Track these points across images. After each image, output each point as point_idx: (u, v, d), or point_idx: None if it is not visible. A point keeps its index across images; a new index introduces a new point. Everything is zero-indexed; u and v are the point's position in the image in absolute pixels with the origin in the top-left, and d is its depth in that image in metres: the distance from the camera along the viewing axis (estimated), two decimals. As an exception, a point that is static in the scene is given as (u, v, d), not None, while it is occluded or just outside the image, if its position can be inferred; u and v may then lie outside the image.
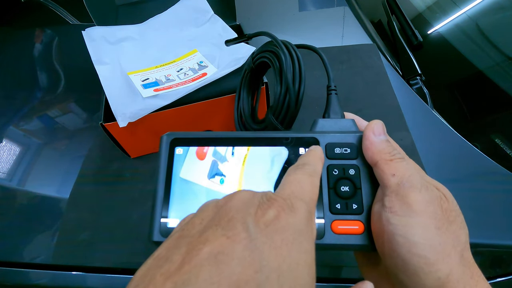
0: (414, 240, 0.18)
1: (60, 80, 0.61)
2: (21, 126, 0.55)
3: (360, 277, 0.37)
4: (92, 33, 0.48)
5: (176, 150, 0.25)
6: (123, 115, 0.38)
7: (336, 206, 0.23)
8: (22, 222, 0.43)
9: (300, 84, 0.32)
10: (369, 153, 0.22)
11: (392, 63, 0.57)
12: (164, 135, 0.25)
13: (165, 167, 0.24)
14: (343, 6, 0.70)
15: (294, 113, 0.32)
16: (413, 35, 0.58)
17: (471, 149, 0.45)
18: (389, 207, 0.20)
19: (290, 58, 0.32)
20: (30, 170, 0.49)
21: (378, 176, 0.22)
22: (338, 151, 0.24)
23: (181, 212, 0.23)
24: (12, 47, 0.69)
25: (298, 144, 0.25)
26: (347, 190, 0.23)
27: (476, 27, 0.57)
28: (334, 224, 0.22)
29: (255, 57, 0.39)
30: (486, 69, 0.52)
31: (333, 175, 0.24)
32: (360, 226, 0.22)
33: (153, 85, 0.42)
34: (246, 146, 0.25)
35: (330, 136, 0.25)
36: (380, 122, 0.23)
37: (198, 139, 0.25)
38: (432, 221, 0.19)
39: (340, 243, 0.22)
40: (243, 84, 0.41)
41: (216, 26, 0.52)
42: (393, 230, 0.19)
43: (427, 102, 0.51)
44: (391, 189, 0.20)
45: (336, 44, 0.60)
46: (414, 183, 0.20)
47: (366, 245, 0.22)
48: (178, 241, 0.16)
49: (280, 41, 0.34)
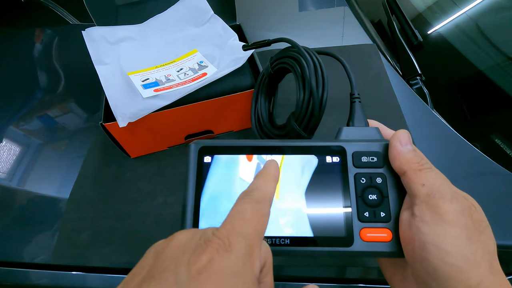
0: (447, 249, 0.19)
1: (60, 80, 0.61)
2: (21, 126, 0.55)
3: (361, 277, 0.37)
4: (92, 33, 0.48)
5: (205, 158, 0.25)
6: (123, 115, 0.38)
7: (365, 214, 0.23)
8: (22, 222, 0.43)
9: (324, 90, 0.32)
10: (397, 162, 0.23)
11: (392, 63, 0.57)
12: (192, 143, 0.25)
13: (194, 176, 0.24)
14: (343, 6, 0.70)
15: (318, 120, 0.33)
16: (413, 35, 0.58)
17: (471, 149, 0.45)
18: (419, 216, 0.21)
19: (313, 64, 0.32)
20: (30, 170, 0.49)
21: (407, 185, 0.22)
22: (365, 160, 0.25)
23: (211, 223, 0.23)
24: (12, 47, 0.69)
25: (325, 152, 0.25)
26: (375, 198, 0.24)
27: (476, 27, 0.57)
28: (363, 232, 0.23)
29: (273, 63, 0.39)
30: (486, 69, 0.52)
31: (360, 183, 0.24)
32: (388, 234, 0.23)
33: (153, 85, 0.42)
34: (276, 154, 0.25)
35: (356, 144, 0.25)
36: (406, 132, 0.24)
37: (227, 147, 0.25)
38: (464, 231, 0.19)
39: (369, 250, 0.23)
40: (261, 89, 0.41)
41: (216, 26, 0.52)
42: (425, 239, 0.20)
43: (427, 102, 0.51)
44: (421, 199, 0.21)
45: (336, 44, 0.60)
46: (444, 193, 0.20)
47: (394, 252, 0.23)
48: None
49: (301, 47, 0.34)
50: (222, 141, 0.25)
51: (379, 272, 0.37)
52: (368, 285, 0.37)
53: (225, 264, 0.15)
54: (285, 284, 0.37)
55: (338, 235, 0.23)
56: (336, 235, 0.23)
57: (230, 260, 0.15)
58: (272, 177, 0.20)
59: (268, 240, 0.23)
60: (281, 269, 0.38)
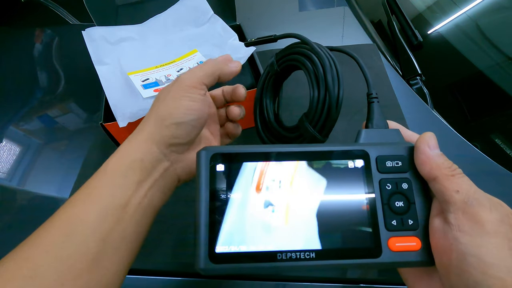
0: (489, 262, 0.18)
1: (60, 80, 0.61)
2: (21, 126, 0.55)
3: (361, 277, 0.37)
4: (92, 33, 0.48)
5: (217, 167, 0.23)
6: (123, 115, 0.38)
7: (392, 223, 0.22)
8: (22, 222, 0.43)
9: (339, 87, 0.30)
10: (427, 168, 0.22)
11: (392, 63, 0.57)
12: (202, 150, 0.23)
13: (207, 186, 0.22)
14: (343, 6, 0.70)
15: (334, 121, 0.30)
16: (413, 35, 0.58)
17: (471, 149, 0.45)
18: (456, 225, 0.20)
19: (328, 61, 0.30)
20: (30, 170, 0.49)
21: (438, 191, 0.21)
22: (389, 165, 0.23)
23: (228, 236, 0.22)
24: (12, 47, 0.69)
25: (347, 157, 0.23)
26: (402, 206, 0.22)
27: (476, 27, 0.57)
28: (391, 241, 0.22)
29: (279, 60, 0.36)
30: (486, 69, 0.52)
31: (386, 189, 0.23)
32: (417, 243, 0.22)
33: (153, 85, 0.42)
34: (295, 160, 0.23)
35: (379, 148, 0.24)
36: (433, 135, 0.23)
37: (240, 154, 0.23)
38: (506, 242, 0.19)
39: (398, 260, 0.22)
40: (266, 88, 0.39)
41: (216, 26, 0.52)
42: (464, 250, 0.19)
43: (427, 102, 0.51)
44: (456, 206, 0.20)
45: (336, 44, 0.60)
46: (482, 201, 0.20)
47: (424, 262, 0.22)
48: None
49: (313, 43, 0.32)
50: (234, 147, 0.23)
51: (379, 272, 0.37)
52: (368, 285, 0.37)
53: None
54: (285, 284, 0.37)
55: (365, 246, 0.22)
56: (363, 246, 0.22)
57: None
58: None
59: (293, 255, 0.21)
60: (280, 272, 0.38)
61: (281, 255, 0.21)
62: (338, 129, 0.34)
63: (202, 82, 0.27)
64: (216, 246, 0.21)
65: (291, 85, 0.38)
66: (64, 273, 0.20)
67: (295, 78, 0.41)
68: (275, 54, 0.38)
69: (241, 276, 0.38)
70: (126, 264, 0.23)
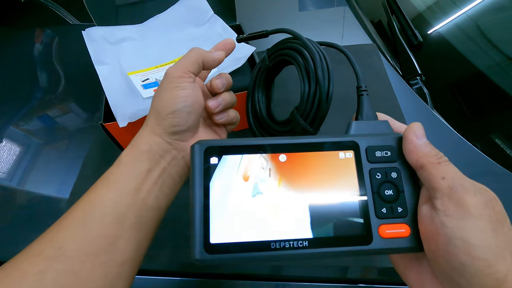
0: (474, 243, 0.19)
1: (60, 80, 0.61)
2: (21, 126, 0.55)
3: (361, 277, 0.37)
4: (92, 33, 0.48)
5: (211, 160, 0.23)
6: (123, 115, 0.38)
7: (382, 211, 0.23)
8: (22, 222, 0.43)
9: (330, 81, 0.31)
10: (414, 156, 0.23)
11: (392, 63, 0.57)
12: (196, 143, 0.23)
13: (201, 180, 0.22)
14: (343, 6, 0.70)
15: (324, 114, 0.31)
16: (413, 35, 0.58)
17: (471, 149, 0.45)
18: (443, 210, 0.20)
19: (318, 55, 0.31)
20: (30, 170, 0.49)
21: (425, 179, 0.22)
22: (379, 155, 0.24)
23: (222, 226, 0.22)
24: (12, 47, 0.69)
25: (337, 148, 0.24)
26: (391, 194, 0.23)
27: (476, 27, 0.57)
28: (381, 228, 0.23)
29: (271, 55, 0.37)
30: (486, 69, 0.52)
31: (376, 179, 0.24)
32: (406, 229, 0.23)
33: (153, 85, 0.42)
34: (288, 152, 0.24)
35: (369, 139, 0.24)
36: (420, 125, 0.24)
37: (234, 147, 0.23)
38: (489, 224, 0.19)
39: (388, 247, 0.22)
40: (258, 84, 0.39)
41: (216, 26, 0.52)
42: (450, 233, 0.20)
43: (427, 102, 0.51)
44: (443, 192, 0.21)
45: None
46: (467, 186, 0.20)
47: (413, 247, 0.22)
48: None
49: (304, 38, 0.33)
50: (227, 140, 0.24)
51: (379, 272, 0.37)
52: (368, 285, 0.37)
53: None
54: (285, 284, 0.37)
55: (356, 234, 0.23)
56: (354, 234, 0.23)
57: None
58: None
59: (286, 243, 0.22)
60: (281, 269, 0.38)
61: (274, 244, 0.22)
62: (332, 125, 0.35)
63: (188, 70, 0.28)
64: (211, 237, 0.22)
65: (282, 81, 0.38)
66: (85, 252, 0.22)
67: (286, 74, 0.41)
68: (267, 49, 0.38)
69: (241, 276, 0.38)
70: (142, 248, 0.25)
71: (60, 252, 0.22)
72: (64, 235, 0.23)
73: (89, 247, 0.22)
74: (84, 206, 0.24)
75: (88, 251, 0.22)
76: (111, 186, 0.25)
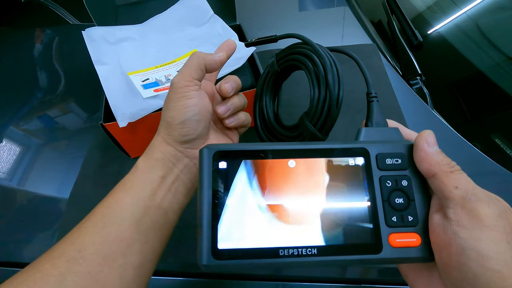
0: (488, 255, 0.19)
1: (60, 80, 0.61)
2: (21, 126, 0.55)
3: (361, 277, 0.37)
4: (92, 33, 0.48)
5: (220, 164, 0.23)
6: (123, 115, 0.38)
7: (392, 219, 0.22)
8: (22, 222, 0.43)
9: (340, 87, 0.31)
10: (426, 164, 0.22)
11: (392, 63, 0.57)
12: (204, 148, 0.23)
13: (210, 185, 0.22)
14: (343, 6, 0.70)
15: (334, 120, 0.31)
16: (413, 35, 0.58)
17: (471, 149, 0.45)
18: (455, 220, 0.20)
19: (328, 61, 0.31)
20: (30, 170, 0.49)
21: (437, 188, 0.22)
22: (389, 162, 0.24)
23: (230, 232, 0.22)
24: (12, 47, 0.69)
25: (347, 154, 0.24)
26: (402, 202, 0.23)
27: (476, 27, 0.57)
28: (392, 237, 0.22)
29: (280, 60, 0.37)
30: (486, 69, 0.52)
31: (386, 186, 0.23)
32: (417, 239, 0.22)
33: (153, 85, 0.42)
34: (298, 158, 0.23)
35: (379, 146, 0.24)
36: (432, 133, 0.23)
37: (244, 152, 0.23)
38: (503, 235, 0.19)
39: (398, 256, 0.22)
40: (266, 88, 0.39)
41: (216, 26, 0.52)
42: (463, 244, 0.19)
43: (427, 102, 0.51)
44: (455, 202, 0.20)
45: (336, 44, 0.60)
46: (481, 196, 0.20)
47: (424, 257, 0.22)
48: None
49: (315, 43, 0.33)
50: (236, 144, 0.24)
51: (379, 272, 0.37)
52: (368, 285, 0.37)
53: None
54: (285, 284, 0.37)
55: (366, 242, 0.22)
56: (364, 242, 0.22)
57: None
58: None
59: (294, 251, 0.22)
60: (281, 269, 0.38)
61: (283, 251, 0.21)
62: (339, 129, 0.35)
63: (192, 78, 0.29)
64: (218, 242, 0.21)
65: (290, 86, 0.38)
66: (103, 255, 0.23)
67: (294, 79, 0.41)
68: (275, 54, 0.38)
69: (241, 275, 0.38)
70: (156, 252, 0.26)
71: (79, 255, 0.23)
72: (83, 239, 0.24)
73: (107, 249, 0.23)
74: (104, 210, 0.25)
75: (106, 253, 0.23)
76: (128, 191, 0.26)
